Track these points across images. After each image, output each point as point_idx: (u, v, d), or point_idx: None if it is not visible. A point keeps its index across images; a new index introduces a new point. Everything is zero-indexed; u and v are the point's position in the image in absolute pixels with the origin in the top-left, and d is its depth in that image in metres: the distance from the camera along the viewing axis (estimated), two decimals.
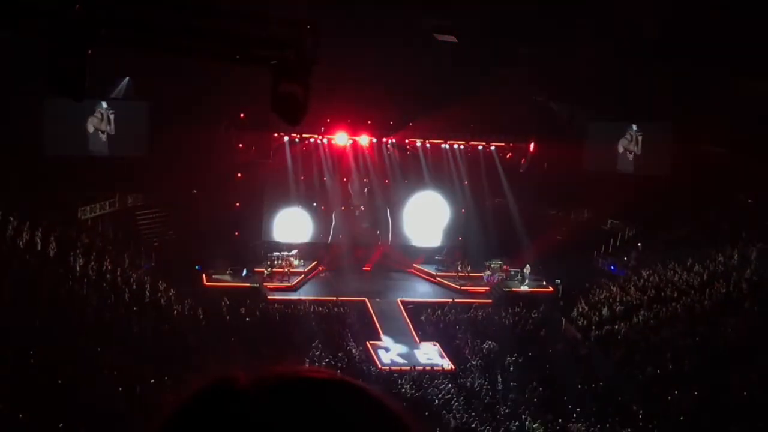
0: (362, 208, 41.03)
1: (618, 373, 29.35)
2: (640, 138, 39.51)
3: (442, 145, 41.12)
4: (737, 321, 29.35)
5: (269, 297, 35.11)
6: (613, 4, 35.28)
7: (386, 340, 32.81)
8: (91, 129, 35.40)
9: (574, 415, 26.82)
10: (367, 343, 32.20)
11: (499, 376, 29.89)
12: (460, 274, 38.77)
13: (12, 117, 30.53)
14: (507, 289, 37.47)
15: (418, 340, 33.09)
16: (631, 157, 39.81)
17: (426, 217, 41.54)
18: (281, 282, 36.83)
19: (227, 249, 36.70)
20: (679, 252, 35.40)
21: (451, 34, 36.92)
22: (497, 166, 41.36)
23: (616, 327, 31.97)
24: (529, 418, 26.68)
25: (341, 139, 39.69)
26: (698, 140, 36.86)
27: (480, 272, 38.84)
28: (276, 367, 1.27)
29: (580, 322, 33.60)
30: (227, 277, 35.81)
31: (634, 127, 39.54)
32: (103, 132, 35.59)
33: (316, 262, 39.28)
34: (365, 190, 40.88)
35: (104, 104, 35.23)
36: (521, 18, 34.03)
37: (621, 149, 39.96)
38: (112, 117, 35.36)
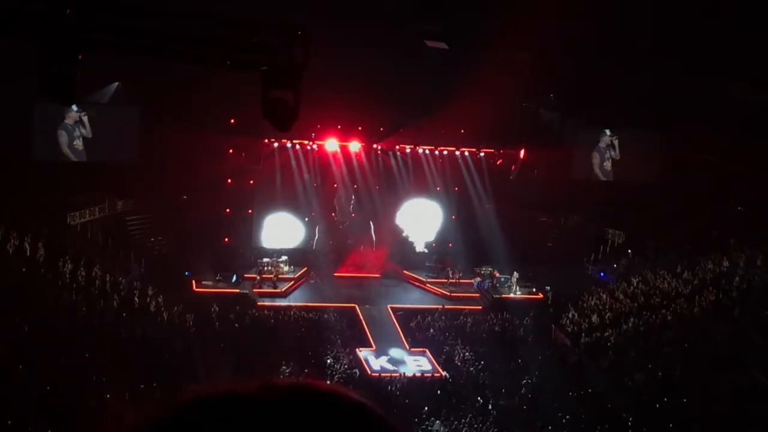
0: (347, 223, 40.91)
1: (607, 380, 29.41)
2: (627, 145, 39.64)
3: (434, 152, 41.10)
4: (727, 328, 29.44)
5: (259, 303, 34.98)
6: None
7: (376, 347, 32.75)
8: (62, 135, 34.79)
9: (564, 422, 26.85)
10: (357, 349, 32.13)
11: (488, 383, 29.88)
12: (450, 280, 38.73)
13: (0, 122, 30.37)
14: (497, 296, 37.46)
15: (407, 347, 33.05)
16: (610, 165, 39.97)
17: (416, 224, 41.49)
18: (271, 288, 36.73)
19: (217, 255, 36.59)
20: (668, 259, 35.53)
21: (442, 41, 36.93)
22: (487, 172, 41.39)
23: (606, 334, 32.01)
24: None
25: (332, 145, 39.63)
26: (688, 147, 37.02)
27: (470, 279, 38.84)
28: (290, 378, 1.28)
29: (569, 329, 33.61)
30: (216, 283, 35.69)
31: (609, 132, 39.67)
32: (76, 138, 34.69)
33: (306, 269, 39.16)
34: (352, 200, 40.77)
35: (75, 108, 33.90)
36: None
37: (610, 156, 40.07)
38: (85, 120, 34.63)
